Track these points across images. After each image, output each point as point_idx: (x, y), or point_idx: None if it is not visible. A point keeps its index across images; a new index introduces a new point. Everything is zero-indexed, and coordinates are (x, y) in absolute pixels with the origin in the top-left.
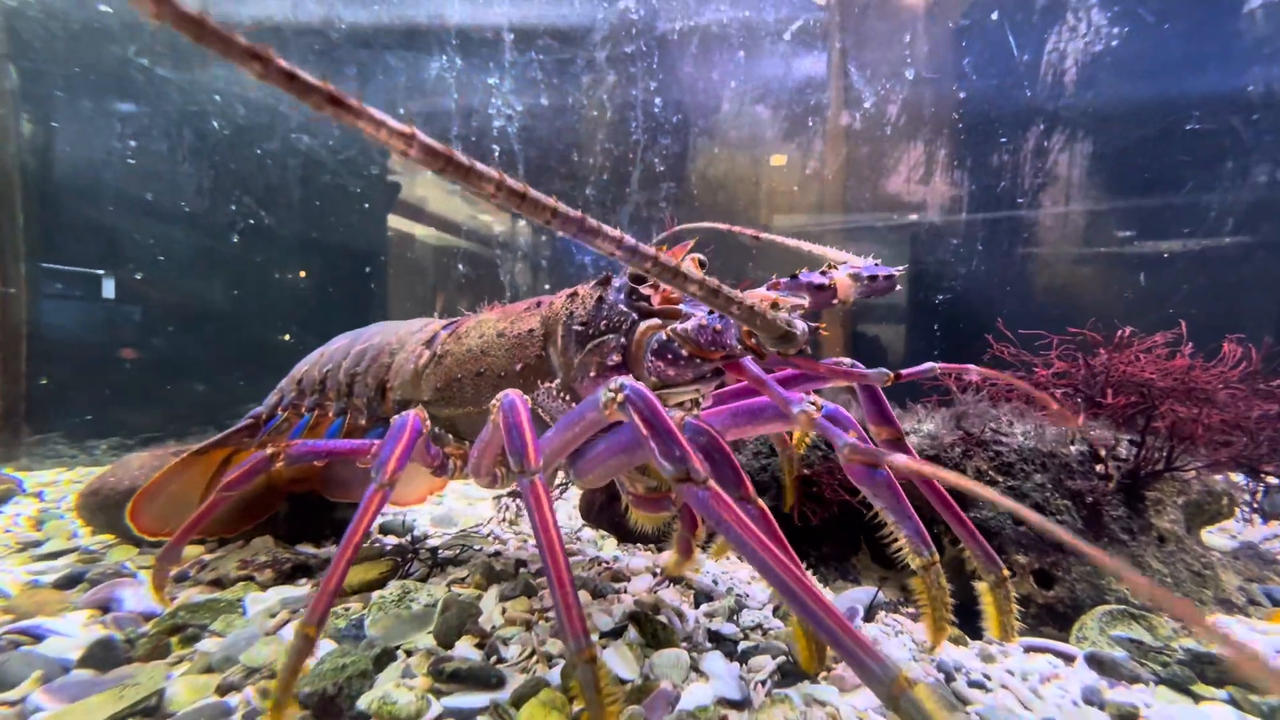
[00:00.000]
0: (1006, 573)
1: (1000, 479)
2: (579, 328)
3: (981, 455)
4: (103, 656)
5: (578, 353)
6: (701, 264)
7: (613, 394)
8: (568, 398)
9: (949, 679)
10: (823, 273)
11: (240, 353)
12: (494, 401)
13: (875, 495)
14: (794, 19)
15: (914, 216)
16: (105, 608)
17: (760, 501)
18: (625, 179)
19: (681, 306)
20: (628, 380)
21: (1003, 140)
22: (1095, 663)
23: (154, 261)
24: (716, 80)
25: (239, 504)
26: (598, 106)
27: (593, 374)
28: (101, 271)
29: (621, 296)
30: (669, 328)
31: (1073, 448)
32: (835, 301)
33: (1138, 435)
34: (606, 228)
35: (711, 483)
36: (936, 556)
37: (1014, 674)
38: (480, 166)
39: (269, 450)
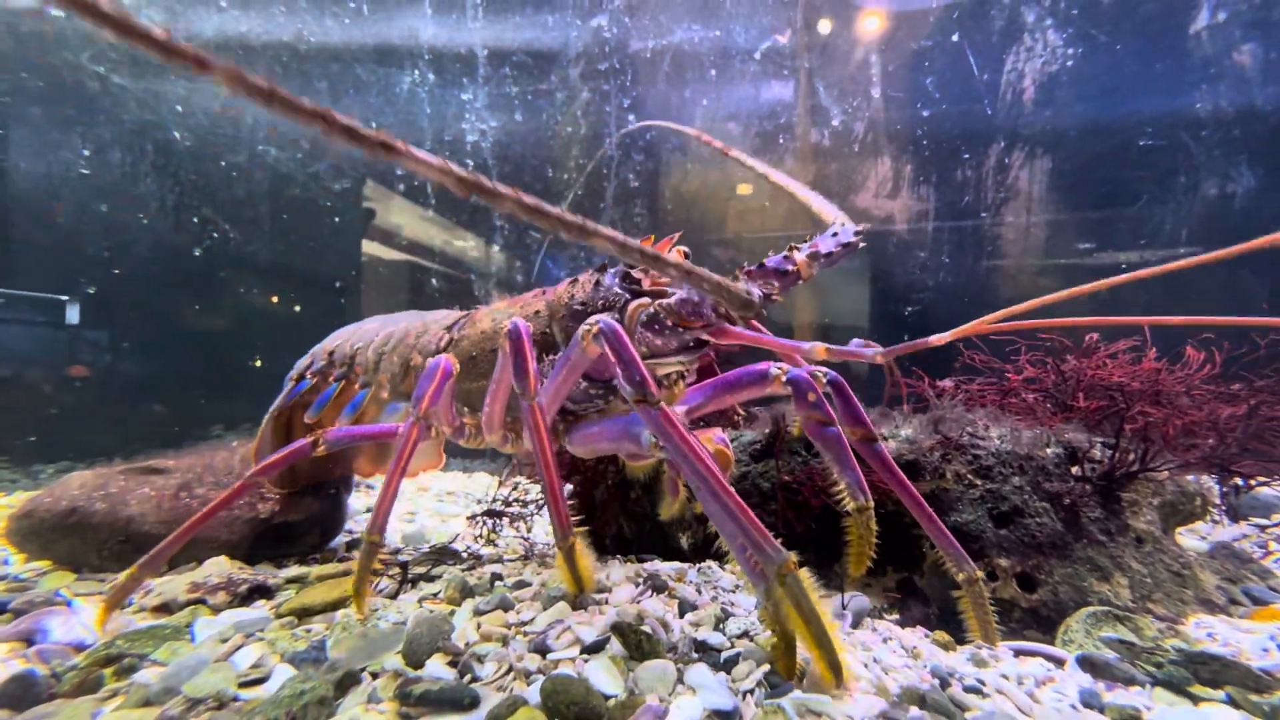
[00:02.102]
0: (979, 574)
1: (979, 482)
2: (578, 307)
3: (960, 459)
4: (19, 695)
5: (577, 328)
6: (686, 254)
7: (589, 328)
8: None
9: (944, 684)
10: (785, 258)
11: (203, 371)
12: (502, 325)
13: (825, 448)
14: (763, 39)
15: (873, 227)
16: (29, 640)
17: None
18: (599, 194)
19: (668, 288)
20: (603, 317)
21: (965, 156)
22: (1088, 665)
23: (110, 278)
24: (688, 98)
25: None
26: (572, 123)
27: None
28: (65, 298)
29: (616, 280)
30: (656, 303)
31: (1049, 450)
32: (801, 281)
33: (1110, 438)
34: (603, 228)
35: (663, 405)
36: (871, 503)
37: (1009, 678)
38: (502, 187)
39: (310, 438)
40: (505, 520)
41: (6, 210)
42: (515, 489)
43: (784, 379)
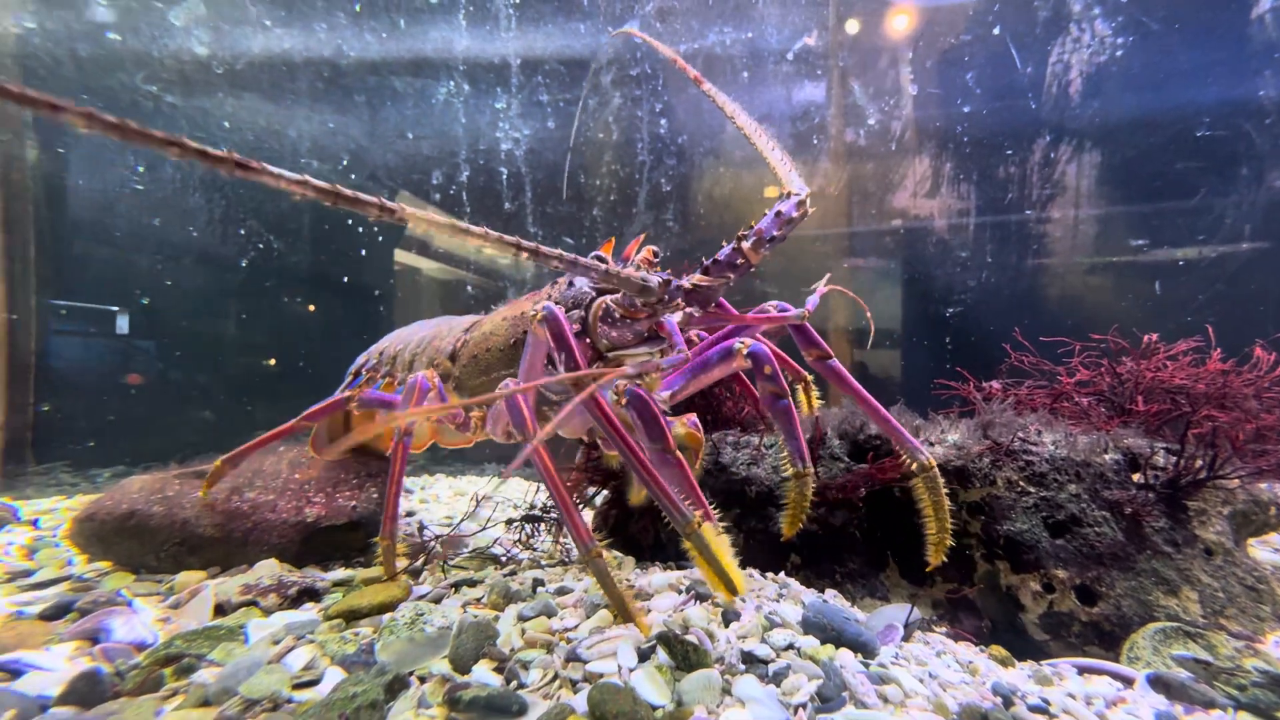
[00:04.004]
0: (931, 462)
1: (1033, 489)
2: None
3: (1011, 465)
4: (86, 692)
5: None
6: (655, 254)
7: (534, 312)
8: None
9: (1007, 703)
10: (735, 249)
11: (249, 379)
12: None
13: (775, 418)
14: (795, 40)
15: (905, 225)
16: (94, 638)
17: (679, 454)
18: (632, 200)
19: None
20: (548, 303)
21: (1009, 152)
22: (1161, 685)
23: (163, 289)
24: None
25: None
26: (604, 129)
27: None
28: (115, 308)
29: (585, 281)
30: (607, 299)
31: (1107, 456)
32: (752, 269)
33: (1173, 443)
34: (476, 229)
35: (594, 387)
36: (810, 470)
37: (1075, 697)
38: (364, 196)
39: (346, 394)
40: (542, 526)
41: (66, 226)
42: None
43: (745, 352)
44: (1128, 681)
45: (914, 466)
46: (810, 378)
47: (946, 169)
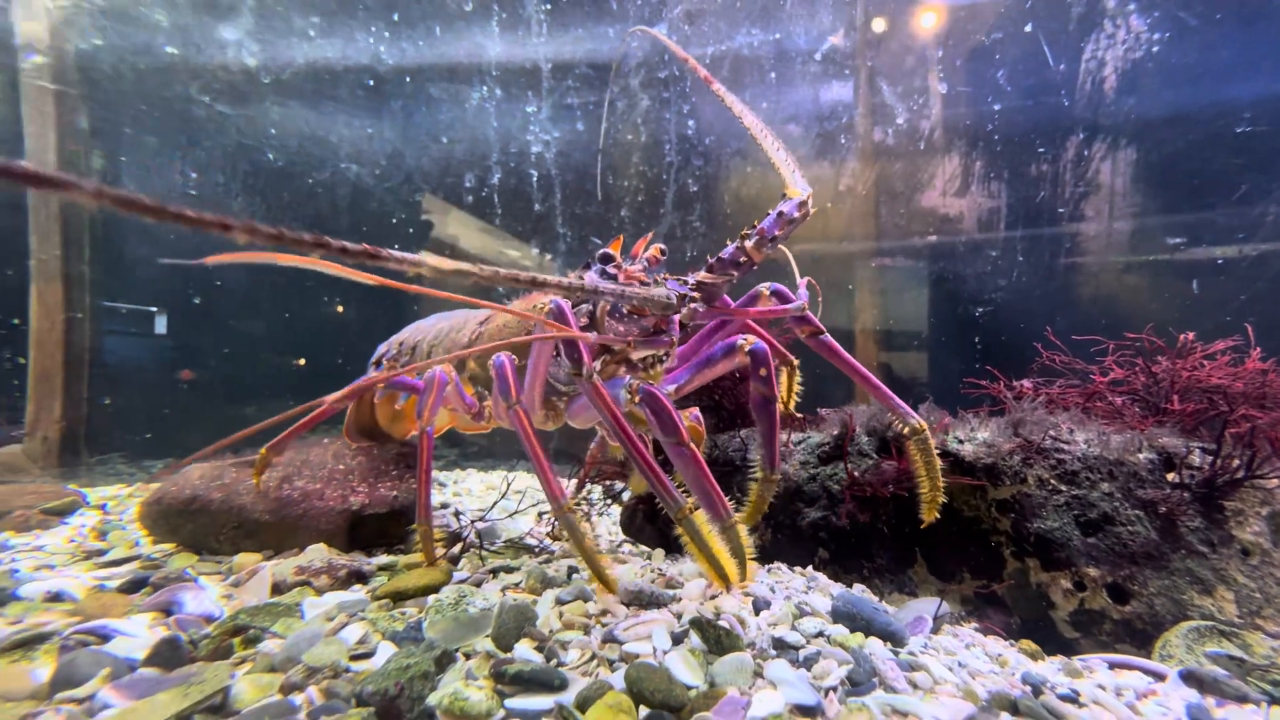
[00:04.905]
0: (923, 425)
1: (1064, 488)
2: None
3: (1042, 463)
4: (168, 655)
5: None
6: (662, 251)
7: (543, 305)
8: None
9: (1037, 692)
10: (738, 248)
11: (291, 375)
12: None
13: (758, 418)
14: (823, 40)
15: (934, 224)
16: (167, 611)
17: (693, 446)
18: (660, 200)
19: (638, 281)
20: (557, 298)
21: (1040, 150)
22: (1194, 680)
23: (213, 289)
24: (748, 101)
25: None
26: (632, 131)
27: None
28: (154, 309)
29: (594, 274)
30: None
31: (1141, 455)
32: (754, 267)
33: (1208, 443)
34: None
35: (596, 378)
36: (778, 476)
37: (1106, 689)
38: (208, 216)
39: (374, 377)
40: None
41: (121, 229)
42: (584, 490)
43: (748, 349)
44: (1159, 677)
45: (905, 430)
46: (796, 362)
47: (977, 167)
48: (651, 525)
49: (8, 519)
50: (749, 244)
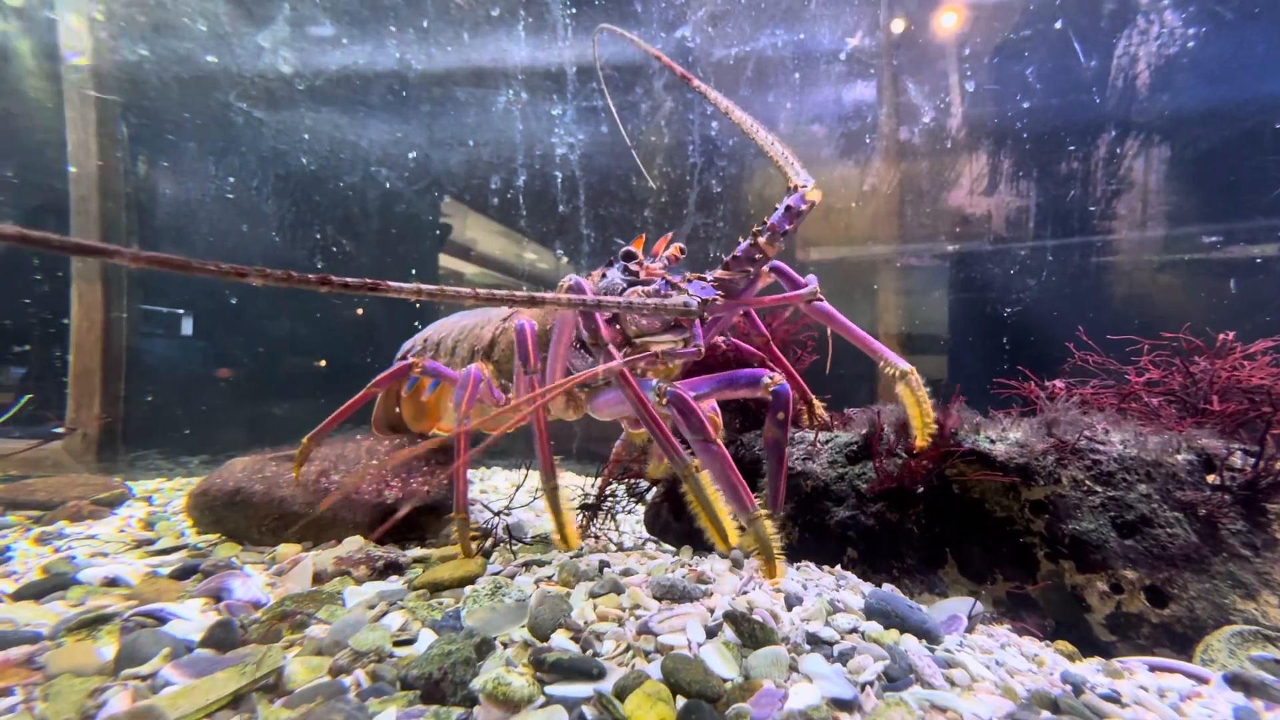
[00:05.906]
0: (911, 369)
1: (1100, 489)
2: None
3: (1077, 464)
4: (223, 637)
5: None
6: (681, 250)
7: (564, 281)
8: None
9: (1078, 691)
10: (752, 245)
11: (321, 374)
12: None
13: (769, 457)
14: (847, 39)
15: (960, 223)
16: (217, 597)
17: (719, 442)
18: (683, 201)
19: (655, 278)
20: (576, 278)
21: (1071, 148)
22: (1239, 684)
23: (245, 290)
24: (772, 103)
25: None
26: (656, 132)
27: (594, 325)
28: (181, 311)
29: (617, 271)
30: (638, 289)
31: (1180, 457)
32: (768, 261)
33: (1250, 444)
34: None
35: (624, 368)
36: (778, 514)
37: (1148, 690)
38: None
39: (409, 362)
40: (601, 515)
41: (158, 234)
42: (610, 487)
43: (772, 388)
44: (1202, 680)
45: (896, 374)
46: (821, 404)
47: (1005, 166)
48: (677, 522)
49: (62, 509)
50: (762, 240)
